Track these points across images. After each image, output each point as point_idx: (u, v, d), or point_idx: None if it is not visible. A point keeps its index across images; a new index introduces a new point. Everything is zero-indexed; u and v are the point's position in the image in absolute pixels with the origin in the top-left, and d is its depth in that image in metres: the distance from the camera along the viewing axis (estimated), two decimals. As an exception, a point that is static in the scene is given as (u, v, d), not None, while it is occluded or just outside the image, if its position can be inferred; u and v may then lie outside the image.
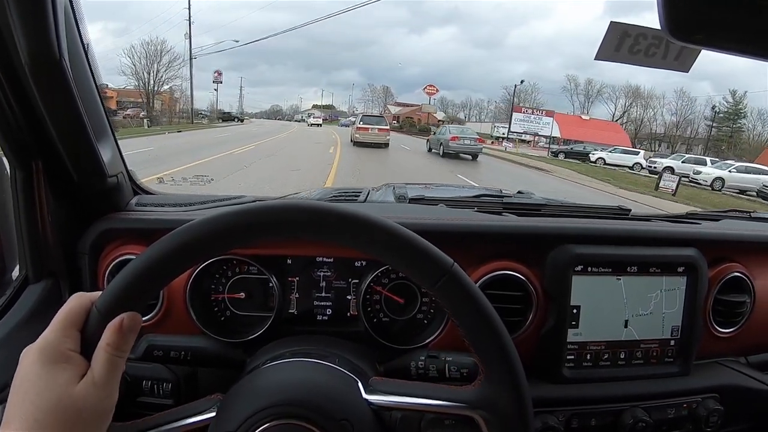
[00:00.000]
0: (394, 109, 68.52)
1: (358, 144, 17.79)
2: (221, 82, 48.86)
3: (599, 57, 0.94)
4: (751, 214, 1.19)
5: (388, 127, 18.92)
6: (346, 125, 41.27)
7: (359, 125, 18.73)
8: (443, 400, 0.52)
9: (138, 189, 0.94)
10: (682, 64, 1.01)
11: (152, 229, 0.81)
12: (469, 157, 16.37)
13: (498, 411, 0.49)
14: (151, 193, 0.96)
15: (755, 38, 0.42)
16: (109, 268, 0.81)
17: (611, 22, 0.94)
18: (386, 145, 17.81)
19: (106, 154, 0.76)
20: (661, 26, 0.46)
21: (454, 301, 0.48)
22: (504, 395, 0.49)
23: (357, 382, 0.56)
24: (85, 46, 0.73)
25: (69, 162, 0.73)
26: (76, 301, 0.44)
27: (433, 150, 18.06)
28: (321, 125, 39.42)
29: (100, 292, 0.45)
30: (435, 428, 0.54)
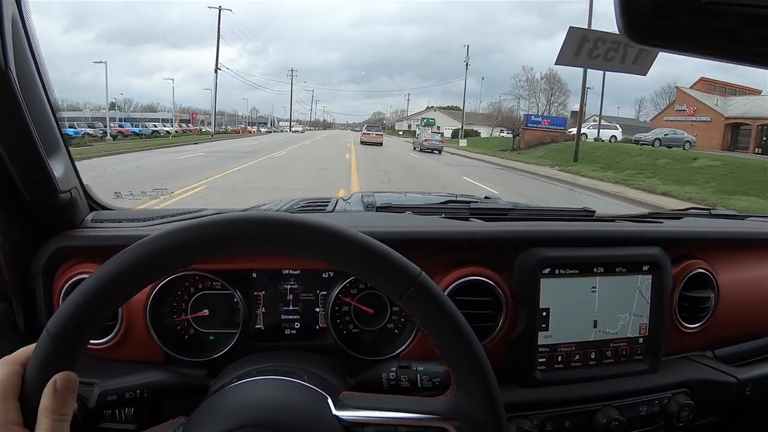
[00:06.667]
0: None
1: (363, 143, 28.33)
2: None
3: (559, 62, 0.96)
4: (711, 211, 1.24)
5: (382, 133, 32.33)
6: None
7: (364, 131, 31.03)
8: (415, 413, 0.50)
9: (94, 205, 0.91)
10: (640, 67, 1.04)
11: (108, 246, 0.78)
12: (437, 151, 25.41)
13: (471, 420, 0.48)
14: (108, 209, 0.93)
15: (710, 40, 0.43)
16: (64, 289, 0.77)
17: (570, 27, 0.96)
18: (381, 143, 28.92)
19: (57, 169, 0.73)
20: (619, 30, 0.46)
21: (423, 311, 0.46)
22: (476, 404, 0.48)
23: (326, 398, 0.54)
24: (36, 57, 0.71)
25: (18, 178, 0.70)
26: (5, 369, 0.42)
27: (415, 148, 27.35)
28: None
29: (25, 349, 0.44)
30: None
